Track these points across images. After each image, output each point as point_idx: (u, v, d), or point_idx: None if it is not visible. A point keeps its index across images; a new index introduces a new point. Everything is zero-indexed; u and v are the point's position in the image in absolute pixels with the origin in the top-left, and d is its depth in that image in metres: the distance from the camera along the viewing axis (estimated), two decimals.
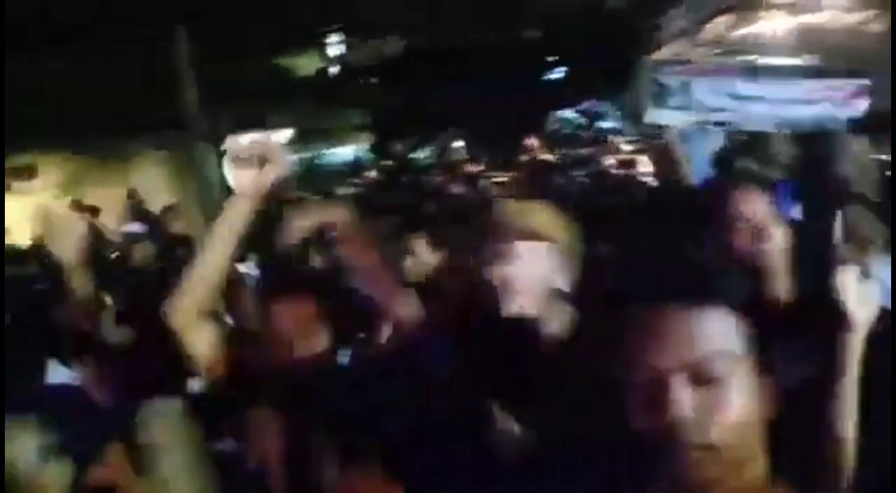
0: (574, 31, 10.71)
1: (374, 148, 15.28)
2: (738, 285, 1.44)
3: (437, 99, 13.41)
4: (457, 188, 6.82)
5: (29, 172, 11.64)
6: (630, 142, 7.24)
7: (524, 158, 7.39)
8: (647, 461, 0.90)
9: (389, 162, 13.17)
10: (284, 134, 14.28)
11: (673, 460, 0.87)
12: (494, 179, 7.33)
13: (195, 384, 1.96)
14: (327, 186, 10.95)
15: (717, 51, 5.75)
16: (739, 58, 4.35)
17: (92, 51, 10.00)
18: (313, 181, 12.91)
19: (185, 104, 9.85)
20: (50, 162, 11.55)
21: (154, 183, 11.10)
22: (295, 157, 14.34)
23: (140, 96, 10.38)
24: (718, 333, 0.90)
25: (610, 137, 8.38)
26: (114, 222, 8.41)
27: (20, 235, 8.08)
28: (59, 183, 11.45)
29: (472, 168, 8.67)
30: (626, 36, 7.83)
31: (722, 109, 3.51)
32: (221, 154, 11.86)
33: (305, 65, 15.25)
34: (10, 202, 10.99)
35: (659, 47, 6.66)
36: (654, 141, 3.52)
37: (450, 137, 12.84)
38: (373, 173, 12.60)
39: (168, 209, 6.20)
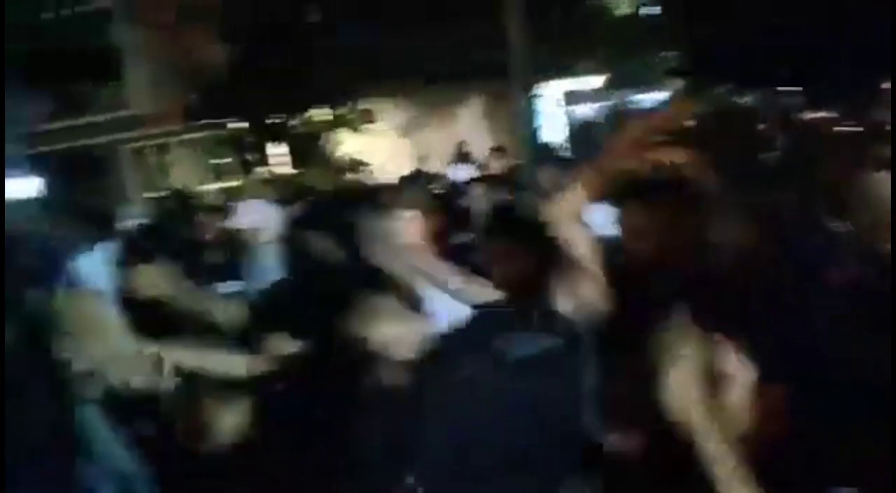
0: None
1: (686, 93, 14.45)
2: None
3: (766, 36, 12.10)
4: (789, 139, 6.13)
5: (369, 116, 13.35)
6: None
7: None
8: None
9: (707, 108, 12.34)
10: (595, 79, 14.21)
11: None
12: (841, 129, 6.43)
13: None
14: None
15: None
16: None
17: (427, 8, 10.99)
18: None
19: (508, 52, 10.28)
20: (387, 108, 13.04)
21: (477, 127, 11.91)
22: (602, 104, 14.22)
23: (466, 46, 11.12)
24: None
25: None
26: (441, 165, 9.18)
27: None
28: (395, 126, 12.90)
29: (811, 117, 7.70)
30: None
31: None
32: (536, 100, 12.27)
33: (619, 6, 14.87)
34: (356, 140, 12.84)
35: None
36: None
37: (781, 81, 11.56)
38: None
39: (495, 150, 6.66)
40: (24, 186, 12.71)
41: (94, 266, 3.58)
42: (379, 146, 12.16)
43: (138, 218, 4.08)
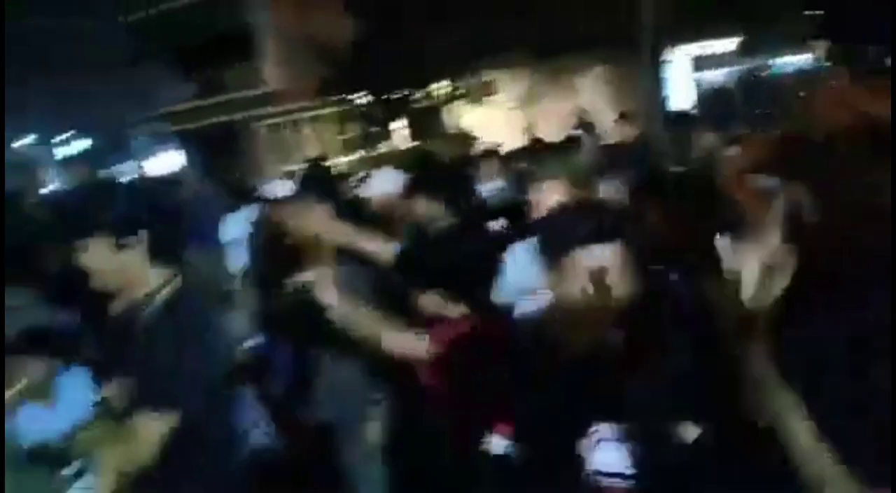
0: None
1: (833, 55, 13.29)
2: None
3: None
4: None
5: (490, 88, 13.33)
6: None
7: None
8: None
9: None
10: (729, 42, 13.36)
11: None
12: None
13: None
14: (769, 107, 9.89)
15: None
16: None
17: None
18: (756, 98, 11.80)
19: (633, 19, 9.87)
20: (508, 79, 12.94)
21: (599, 98, 11.59)
22: (734, 69, 13.38)
23: (588, 14, 10.79)
24: None
25: None
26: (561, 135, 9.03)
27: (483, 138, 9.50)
28: (516, 97, 12.79)
29: None
30: None
31: None
32: (661, 67, 11.72)
33: None
34: (477, 112, 12.91)
35: None
36: None
37: None
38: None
39: (621, 117, 6.54)
40: (170, 161, 13.77)
41: (239, 225, 3.83)
42: (499, 118, 12.13)
43: (276, 188, 4.32)
